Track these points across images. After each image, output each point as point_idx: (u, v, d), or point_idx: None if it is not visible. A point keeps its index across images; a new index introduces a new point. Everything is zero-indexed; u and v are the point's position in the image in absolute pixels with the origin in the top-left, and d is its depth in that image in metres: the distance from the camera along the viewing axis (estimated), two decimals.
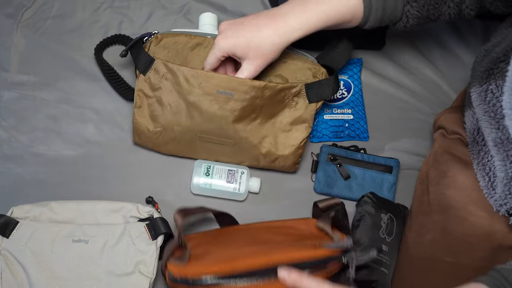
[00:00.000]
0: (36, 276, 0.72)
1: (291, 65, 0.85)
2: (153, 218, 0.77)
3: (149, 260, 0.75)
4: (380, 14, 0.77)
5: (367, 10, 0.77)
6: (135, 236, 0.76)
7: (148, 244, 0.76)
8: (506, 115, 0.64)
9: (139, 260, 0.75)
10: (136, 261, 0.74)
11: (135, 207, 0.78)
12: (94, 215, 0.77)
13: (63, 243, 0.74)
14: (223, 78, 0.79)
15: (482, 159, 0.75)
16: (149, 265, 0.75)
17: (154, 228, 0.77)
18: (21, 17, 0.97)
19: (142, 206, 0.78)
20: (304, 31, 0.76)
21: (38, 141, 0.89)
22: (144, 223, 0.77)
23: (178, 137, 0.84)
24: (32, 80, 0.93)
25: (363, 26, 0.80)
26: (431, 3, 0.78)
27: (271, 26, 0.76)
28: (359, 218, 0.83)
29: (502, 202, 0.72)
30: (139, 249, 0.75)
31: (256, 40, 0.76)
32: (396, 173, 0.89)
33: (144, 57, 0.82)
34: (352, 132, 0.93)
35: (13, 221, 0.74)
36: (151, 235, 0.76)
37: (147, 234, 0.76)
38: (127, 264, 0.74)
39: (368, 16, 0.77)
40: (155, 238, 0.76)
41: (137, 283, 0.74)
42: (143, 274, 0.74)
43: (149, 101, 0.83)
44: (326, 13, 0.76)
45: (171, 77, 0.81)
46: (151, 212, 0.78)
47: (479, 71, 0.75)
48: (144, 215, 0.78)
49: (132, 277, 0.74)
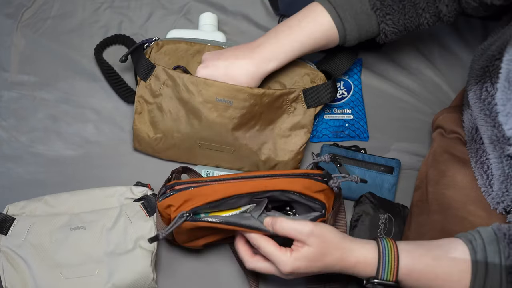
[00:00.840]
0: (38, 268, 0.72)
1: (289, 71, 0.85)
2: (147, 196, 0.78)
3: (148, 235, 0.76)
4: (356, 33, 0.79)
5: (342, 32, 0.79)
6: (132, 215, 0.76)
7: (145, 221, 0.77)
8: (499, 111, 0.65)
9: (138, 236, 0.75)
10: (135, 238, 0.75)
11: (128, 189, 0.79)
12: (89, 203, 0.78)
13: (62, 232, 0.74)
14: (222, 86, 0.79)
15: (480, 157, 0.75)
16: None
17: (149, 205, 0.77)
18: (21, 17, 0.97)
19: (135, 188, 0.79)
20: (280, 61, 0.79)
21: (38, 141, 0.89)
22: (139, 202, 0.78)
23: (178, 143, 0.84)
24: (32, 80, 0.93)
25: (344, 45, 0.82)
26: (406, 18, 0.80)
27: (247, 55, 0.78)
28: (356, 218, 0.83)
29: (500, 200, 0.72)
30: (137, 226, 0.76)
31: (232, 68, 0.78)
32: (397, 173, 0.89)
33: (145, 63, 0.82)
34: (352, 132, 0.93)
35: (9, 218, 0.74)
36: (148, 212, 0.77)
37: (144, 212, 0.77)
38: (127, 242, 0.75)
39: (344, 37, 0.79)
40: (152, 214, 0.77)
41: (140, 258, 0.74)
42: (144, 249, 0.75)
43: (149, 107, 0.84)
44: (300, 42, 0.78)
45: (172, 84, 0.81)
46: (144, 191, 0.79)
47: (476, 69, 0.75)
48: (138, 195, 0.79)
49: (134, 253, 0.74)
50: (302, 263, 0.66)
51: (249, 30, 1.00)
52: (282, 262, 0.66)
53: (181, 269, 0.82)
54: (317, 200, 0.72)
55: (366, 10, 0.78)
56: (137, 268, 0.74)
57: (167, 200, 0.71)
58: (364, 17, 0.78)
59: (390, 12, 0.78)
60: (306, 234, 0.66)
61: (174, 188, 0.71)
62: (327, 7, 0.78)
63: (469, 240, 0.65)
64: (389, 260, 0.65)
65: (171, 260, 0.82)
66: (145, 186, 0.80)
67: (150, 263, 0.75)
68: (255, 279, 0.80)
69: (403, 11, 0.79)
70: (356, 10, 0.78)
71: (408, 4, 0.78)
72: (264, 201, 0.72)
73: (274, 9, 1.02)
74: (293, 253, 0.66)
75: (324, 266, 0.67)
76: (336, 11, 0.77)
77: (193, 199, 0.69)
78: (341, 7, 0.77)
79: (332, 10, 0.78)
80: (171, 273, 0.81)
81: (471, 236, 0.65)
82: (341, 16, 0.77)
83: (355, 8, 0.78)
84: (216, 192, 0.69)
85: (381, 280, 0.65)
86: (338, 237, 0.67)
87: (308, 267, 0.66)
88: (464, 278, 0.63)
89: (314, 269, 0.67)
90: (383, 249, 0.66)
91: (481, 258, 0.63)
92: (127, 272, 0.74)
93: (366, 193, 0.85)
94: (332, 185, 0.72)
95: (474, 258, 0.63)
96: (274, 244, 0.67)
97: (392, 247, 0.66)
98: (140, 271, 0.74)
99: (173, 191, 0.71)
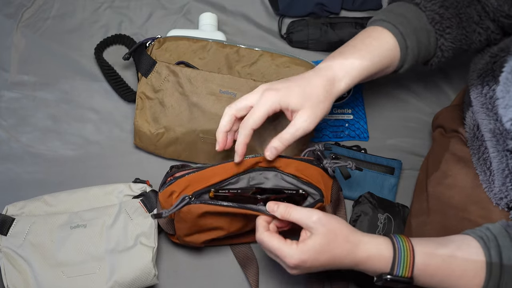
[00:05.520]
0: (39, 267, 0.72)
1: (293, 70, 0.85)
2: (146, 193, 0.78)
3: (148, 231, 0.76)
4: (416, 52, 0.76)
5: (403, 50, 0.76)
6: (132, 212, 0.77)
7: (145, 217, 0.77)
8: (498, 103, 0.64)
9: (138, 233, 0.76)
10: (136, 235, 0.75)
11: (127, 186, 0.79)
12: (88, 201, 0.78)
13: (62, 231, 0.74)
14: (225, 78, 0.80)
15: (483, 154, 0.75)
16: (149, 236, 0.76)
17: (149, 202, 0.78)
18: (21, 17, 0.97)
19: (134, 184, 0.79)
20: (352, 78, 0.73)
21: (37, 141, 0.89)
22: (139, 199, 0.78)
23: (180, 138, 0.84)
24: (32, 80, 0.93)
25: (399, 70, 0.79)
26: (463, 33, 0.77)
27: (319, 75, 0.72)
28: (355, 219, 0.83)
29: (503, 195, 0.72)
30: (137, 223, 0.76)
31: (310, 88, 0.70)
32: (398, 174, 0.89)
33: (146, 60, 0.83)
34: (352, 132, 0.93)
35: (9, 218, 0.74)
36: (147, 208, 0.77)
37: (143, 208, 0.77)
38: (127, 239, 0.75)
39: (405, 57, 0.76)
40: (151, 211, 0.77)
41: (140, 255, 0.75)
42: (145, 245, 0.75)
43: (150, 103, 0.84)
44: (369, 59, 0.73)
45: (174, 78, 0.82)
46: (143, 188, 0.79)
47: (479, 64, 0.76)
48: (137, 191, 0.79)
49: (135, 250, 0.75)
50: (309, 255, 0.63)
51: (249, 30, 1.00)
52: (288, 255, 0.64)
53: (182, 267, 0.82)
54: (311, 184, 0.73)
55: (424, 26, 0.76)
56: (138, 264, 0.74)
57: (169, 188, 0.72)
58: (423, 34, 0.76)
59: (449, 25, 0.76)
60: (313, 221, 0.64)
61: (174, 175, 0.73)
62: (387, 26, 0.75)
63: (480, 236, 0.64)
64: (405, 255, 0.63)
65: (172, 257, 0.82)
66: (144, 182, 0.80)
67: (151, 259, 0.75)
68: (255, 279, 0.80)
69: (461, 25, 0.77)
70: (415, 27, 0.75)
71: (464, 17, 0.77)
72: None
73: (274, 9, 1.02)
74: (300, 245, 0.64)
75: (333, 259, 0.64)
76: (397, 28, 0.75)
77: (195, 184, 0.71)
78: (401, 24, 0.75)
79: (393, 28, 0.75)
80: (172, 272, 0.81)
81: (481, 233, 0.64)
82: (403, 33, 0.75)
83: (413, 24, 0.75)
84: (216, 175, 0.71)
85: (395, 276, 0.63)
86: (348, 229, 0.65)
87: (315, 260, 0.64)
88: (479, 275, 0.62)
89: (322, 262, 0.64)
90: (398, 244, 0.64)
91: (495, 254, 0.62)
92: (128, 268, 0.74)
93: (365, 193, 0.85)
94: (326, 165, 0.73)
95: (488, 254, 0.62)
96: (279, 238, 0.65)
97: (407, 242, 0.64)
98: (141, 267, 0.74)
99: (174, 179, 0.72)
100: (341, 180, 0.86)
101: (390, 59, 0.75)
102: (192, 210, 0.70)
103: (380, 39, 0.75)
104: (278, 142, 0.70)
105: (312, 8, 1.00)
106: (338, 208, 0.81)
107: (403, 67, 0.78)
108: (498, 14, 0.75)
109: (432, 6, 0.76)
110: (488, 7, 0.75)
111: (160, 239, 0.81)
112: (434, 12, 0.76)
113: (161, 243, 0.82)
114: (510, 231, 0.63)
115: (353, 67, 0.72)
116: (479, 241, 0.63)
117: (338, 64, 0.72)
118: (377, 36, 0.75)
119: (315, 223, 0.64)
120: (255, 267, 0.81)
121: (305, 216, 0.65)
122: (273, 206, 0.67)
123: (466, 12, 0.77)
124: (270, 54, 0.85)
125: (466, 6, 0.77)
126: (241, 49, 0.85)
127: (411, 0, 0.78)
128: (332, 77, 0.72)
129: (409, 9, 0.77)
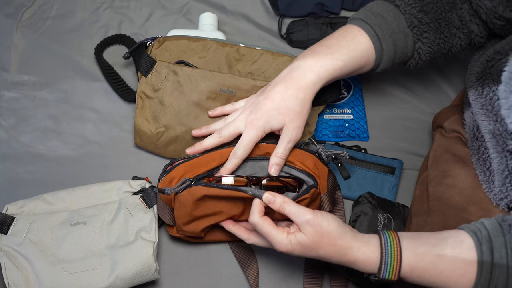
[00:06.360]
0: (40, 264, 0.73)
1: None
2: (146, 189, 0.79)
3: (149, 226, 0.76)
4: (392, 54, 0.78)
5: (379, 52, 0.77)
6: (132, 207, 0.77)
7: (145, 212, 0.77)
8: (501, 104, 0.64)
9: (139, 228, 0.76)
10: (136, 230, 0.76)
11: (126, 182, 0.79)
12: (88, 199, 0.78)
13: (62, 228, 0.75)
14: (225, 77, 0.81)
15: (483, 154, 0.75)
16: (149, 230, 0.76)
17: (148, 198, 0.78)
18: (21, 17, 0.97)
19: (133, 181, 0.80)
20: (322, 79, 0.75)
21: (37, 141, 0.89)
22: (138, 195, 0.78)
23: (180, 137, 0.84)
24: (32, 80, 0.93)
25: (376, 69, 0.80)
26: (441, 37, 0.78)
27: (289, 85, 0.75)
28: (354, 219, 0.83)
29: (503, 195, 0.72)
30: (137, 218, 0.76)
31: (285, 104, 0.74)
32: (399, 174, 0.88)
33: (146, 59, 0.83)
34: (352, 132, 0.93)
35: (9, 217, 0.74)
36: (147, 204, 0.78)
37: (143, 204, 0.78)
38: (128, 234, 0.75)
39: (380, 58, 0.78)
40: (151, 206, 0.78)
41: (141, 249, 0.75)
42: (145, 240, 0.75)
43: (150, 102, 0.84)
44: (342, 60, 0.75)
45: (173, 77, 0.82)
46: (142, 184, 0.80)
47: (477, 66, 0.75)
48: (137, 188, 0.79)
49: (135, 245, 0.75)
50: (296, 248, 0.66)
51: (249, 30, 1.00)
52: (277, 243, 0.67)
53: (182, 267, 0.82)
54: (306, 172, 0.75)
55: (402, 29, 0.77)
56: (139, 259, 0.74)
57: (169, 175, 0.74)
58: (401, 36, 0.77)
59: (427, 30, 0.77)
60: (303, 221, 0.66)
61: (173, 164, 0.76)
62: (364, 27, 0.77)
63: (473, 231, 0.64)
64: (391, 260, 0.64)
65: (172, 257, 0.82)
66: (143, 179, 0.80)
67: (152, 253, 0.75)
68: (255, 279, 0.80)
69: (439, 30, 0.78)
70: (393, 29, 0.77)
71: (444, 22, 0.78)
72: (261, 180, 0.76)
73: (274, 9, 1.02)
74: (290, 235, 0.66)
75: (319, 257, 0.67)
76: (373, 30, 0.76)
77: (194, 169, 0.74)
78: (378, 26, 0.76)
79: (369, 29, 0.76)
80: (172, 272, 0.81)
81: (475, 228, 0.65)
82: (379, 35, 0.76)
83: (391, 27, 0.77)
84: (214, 160, 0.75)
85: (381, 279, 0.65)
86: (338, 233, 0.66)
87: (302, 253, 0.67)
88: (469, 271, 0.62)
89: (308, 255, 0.67)
90: (386, 247, 0.65)
91: (487, 250, 0.62)
92: (129, 263, 0.74)
93: (364, 193, 0.85)
94: (320, 151, 0.76)
95: (479, 250, 0.62)
96: (271, 224, 0.68)
97: (395, 244, 0.65)
98: (142, 262, 0.75)
99: (173, 167, 0.75)
100: (340, 180, 0.86)
101: (364, 60, 0.77)
102: (192, 193, 0.71)
103: (355, 41, 0.76)
104: (276, 158, 0.75)
105: (312, 8, 1.00)
106: (336, 208, 0.81)
107: (379, 67, 0.80)
108: (492, 16, 0.75)
109: (411, 9, 0.77)
110: (482, 8, 0.76)
111: (160, 239, 0.81)
112: (413, 16, 0.77)
113: (161, 243, 0.82)
114: (504, 225, 0.63)
115: (325, 69, 0.75)
116: (472, 236, 0.64)
117: (309, 66, 0.75)
118: (352, 37, 0.77)
119: (305, 223, 0.66)
120: (255, 266, 0.81)
121: (298, 214, 0.66)
122: (270, 198, 0.69)
123: (446, 17, 0.78)
124: (271, 53, 0.85)
125: (447, 11, 0.78)
126: (241, 48, 0.86)
127: (392, 0, 0.79)
128: (304, 83, 0.74)
129: (389, 10, 0.78)
